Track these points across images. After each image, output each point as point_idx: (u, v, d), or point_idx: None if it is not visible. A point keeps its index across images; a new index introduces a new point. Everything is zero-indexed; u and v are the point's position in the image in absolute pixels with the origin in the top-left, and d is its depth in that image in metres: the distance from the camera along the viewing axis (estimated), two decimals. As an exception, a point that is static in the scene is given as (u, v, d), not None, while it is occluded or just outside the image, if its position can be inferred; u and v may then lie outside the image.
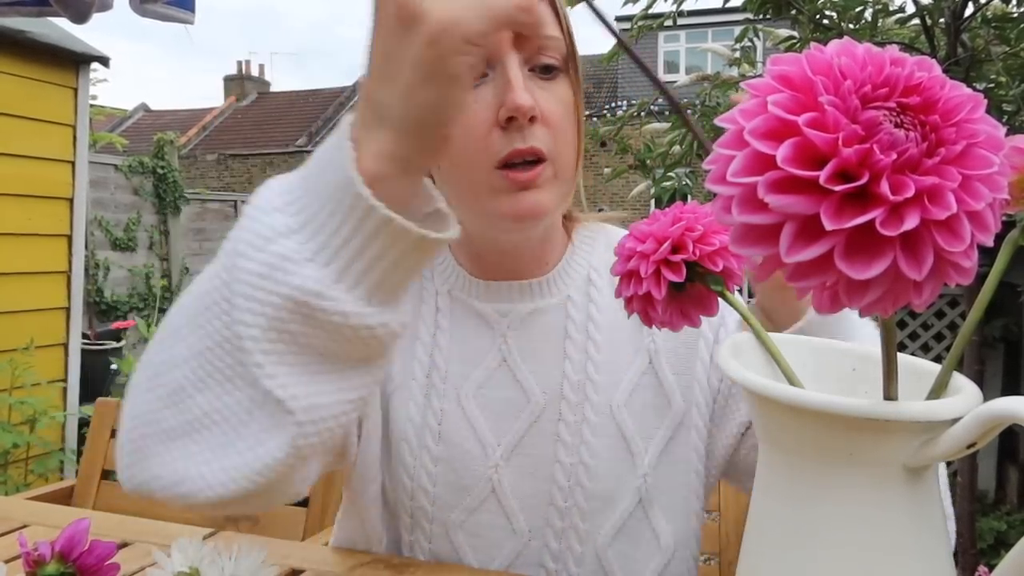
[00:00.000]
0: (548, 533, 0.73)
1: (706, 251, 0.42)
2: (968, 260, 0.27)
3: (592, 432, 0.74)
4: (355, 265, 0.43)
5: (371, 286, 0.43)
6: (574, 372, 0.76)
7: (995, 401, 0.31)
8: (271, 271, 0.43)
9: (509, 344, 0.77)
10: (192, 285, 0.51)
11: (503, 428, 0.75)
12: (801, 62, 0.29)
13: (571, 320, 0.78)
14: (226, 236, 0.48)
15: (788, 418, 0.36)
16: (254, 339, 0.43)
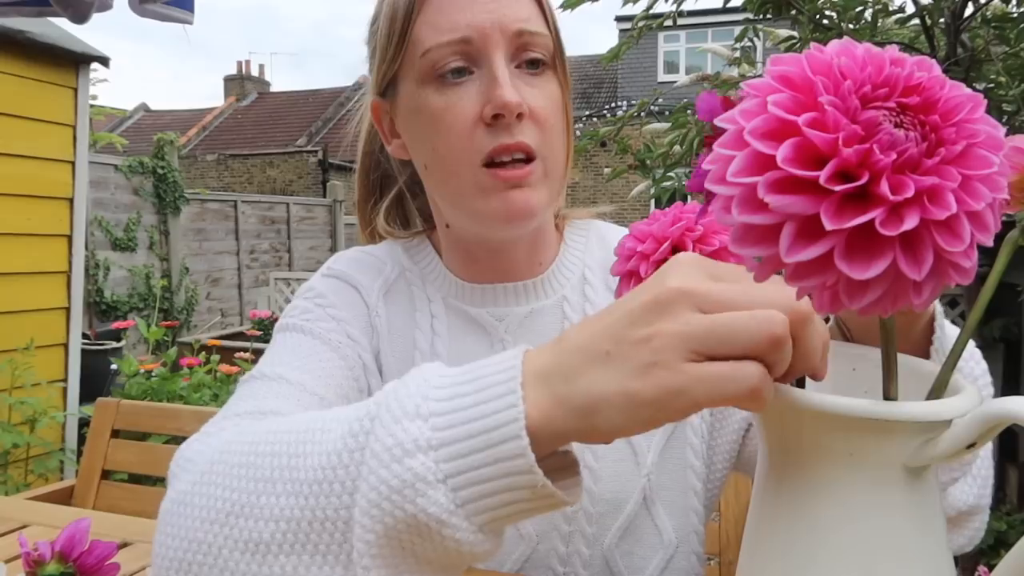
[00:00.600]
0: (555, 537, 0.73)
1: (706, 251, 0.42)
2: (968, 260, 0.27)
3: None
4: (484, 502, 0.42)
5: (490, 521, 0.43)
6: None
7: (995, 401, 0.31)
8: (403, 487, 0.41)
9: (507, 348, 0.74)
10: (294, 422, 0.49)
11: None
12: (801, 62, 0.29)
13: (567, 320, 0.77)
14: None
15: (788, 418, 0.36)
16: (367, 543, 0.43)
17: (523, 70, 0.69)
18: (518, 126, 0.67)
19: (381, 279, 0.79)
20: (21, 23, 2.91)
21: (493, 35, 0.67)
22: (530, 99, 0.67)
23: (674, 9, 2.32)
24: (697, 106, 0.37)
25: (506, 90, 0.65)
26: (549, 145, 0.69)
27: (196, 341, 4.27)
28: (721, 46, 2.56)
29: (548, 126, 0.69)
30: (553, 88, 0.70)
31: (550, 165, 0.70)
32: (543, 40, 0.69)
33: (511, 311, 0.77)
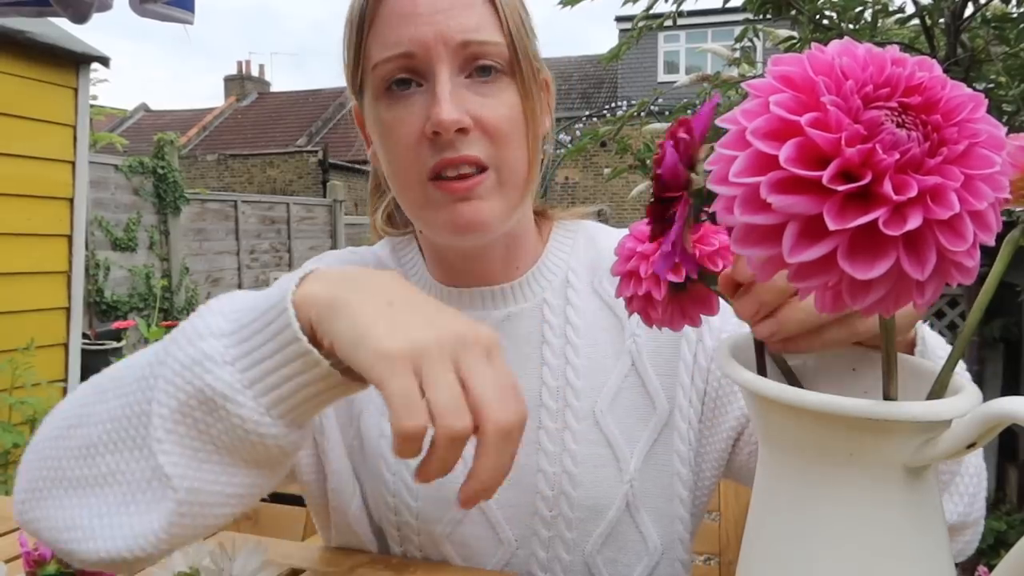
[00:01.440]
0: (535, 543, 0.72)
1: (706, 251, 0.42)
2: (971, 260, 0.27)
3: (575, 439, 0.72)
4: (268, 380, 0.47)
5: (275, 400, 0.47)
6: (553, 378, 0.74)
7: (995, 401, 0.31)
8: (193, 364, 0.48)
9: None
10: (132, 356, 0.56)
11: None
12: (802, 62, 0.29)
13: (547, 324, 0.75)
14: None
15: (788, 418, 0.36)
16: (162, 417, 0.48)
17: (475, 79, 0.67)
18: (463, 140, 0.66)
19: None
20: (21, 23, 2.91)
21: (436, 48, 0.66)
22: (479, 109, 0.66)
23: (674, 9, 2.32)
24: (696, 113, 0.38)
25: (443, 107, 0.64)
26: (501, 155, 0.68)
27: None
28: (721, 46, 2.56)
29: (499, 136, 0.67)
30: (508, 96, 0.68)
31: (505, 175, 0.68)
32: (495, 48, 0.67)
33: (488, 315, 0.76)
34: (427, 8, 0.66)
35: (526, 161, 0.70)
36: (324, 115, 16.63)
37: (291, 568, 0.71)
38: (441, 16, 0.66)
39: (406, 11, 0.66)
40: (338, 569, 0.71)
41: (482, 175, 0.67)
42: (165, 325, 3.83)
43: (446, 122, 0.64)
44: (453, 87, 0.66)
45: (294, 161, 12.72)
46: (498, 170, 0.68)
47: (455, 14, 0.66)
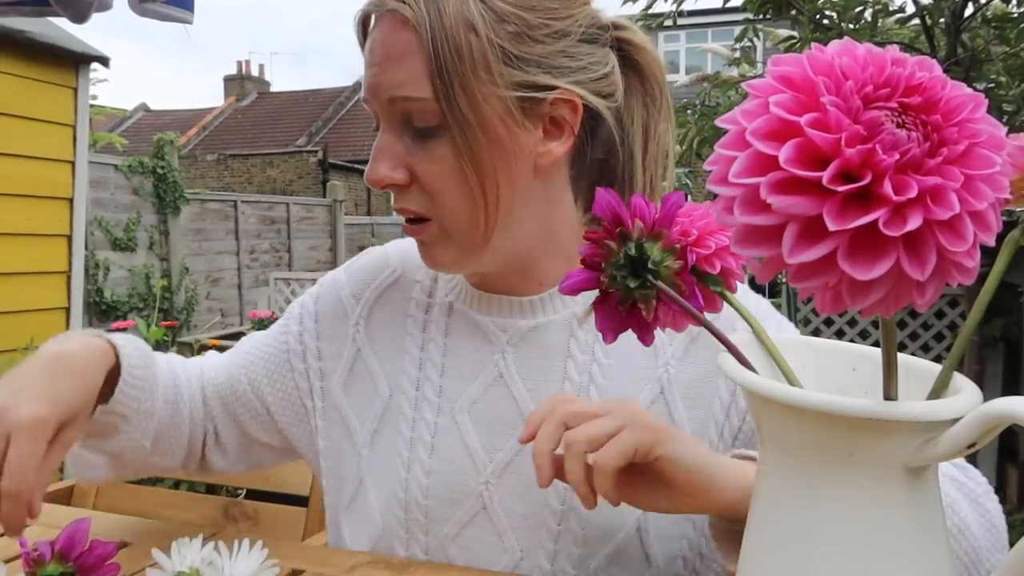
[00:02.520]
0: (540, 554, 0.71)
1: (702, 255, 0.42)
2: (971, 260, 0.27)
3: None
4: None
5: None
6: (574, 394, 0.73)
7: (995, 401, 0.31)
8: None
9: (507, 360, 0.75)
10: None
11: (495, 445, 0.73)
12: (802, 62, 0.29)
13: (574, 339, 0.74)
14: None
15: (788, 418, 0.36)
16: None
17: (412, 132, 0.67)
18: (401, 193, 0.68)
19: (371, 288, 0.83)
20: (21, 23, 2.91)
21: (374, 101, 0.67)
22: (415, 164, 0.67)
23: (674, 9, 2.32)
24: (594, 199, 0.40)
25: (370, 165, 0.68)
26: (440, 209, 0.68)
27: (196, 341, 4.27)
28: (721, 46, 2.56)
29: (434, 193, 0.67)
30: (441, 151, 0.66)
31: (448, 226, 0.68)
32: (421, 105, 0.64)
33: (515, 323, 0.75)
34: (372, 58, 0.67)
35: (475, 210, 0.67)
36: (324, 115, 16.63)
37: (291, 568, 0.71)
38: (376, 69, 0.66)
39: (367, 59, 0.68)
40: (338, 569, 0.71)
41: (423, 224, 0.69)
42: (165, 325, 3.83)
43: (369, 179, 0.68)
44: (393, 140, 0.67)
45: (294, 161, 12.71)
46: (439, 221, 0.69)
47: (385, 67, 0.66)
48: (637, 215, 0.40)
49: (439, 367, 0.77)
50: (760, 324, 0.41)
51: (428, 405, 0.76)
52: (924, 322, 3.72)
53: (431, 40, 0.63)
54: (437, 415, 0.75)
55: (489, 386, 0.75)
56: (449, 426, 0.75)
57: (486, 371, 0.75)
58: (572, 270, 0.42)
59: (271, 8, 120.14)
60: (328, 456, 0.81)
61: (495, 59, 0.64)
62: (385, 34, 0.66)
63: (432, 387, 0.76)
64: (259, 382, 0.83)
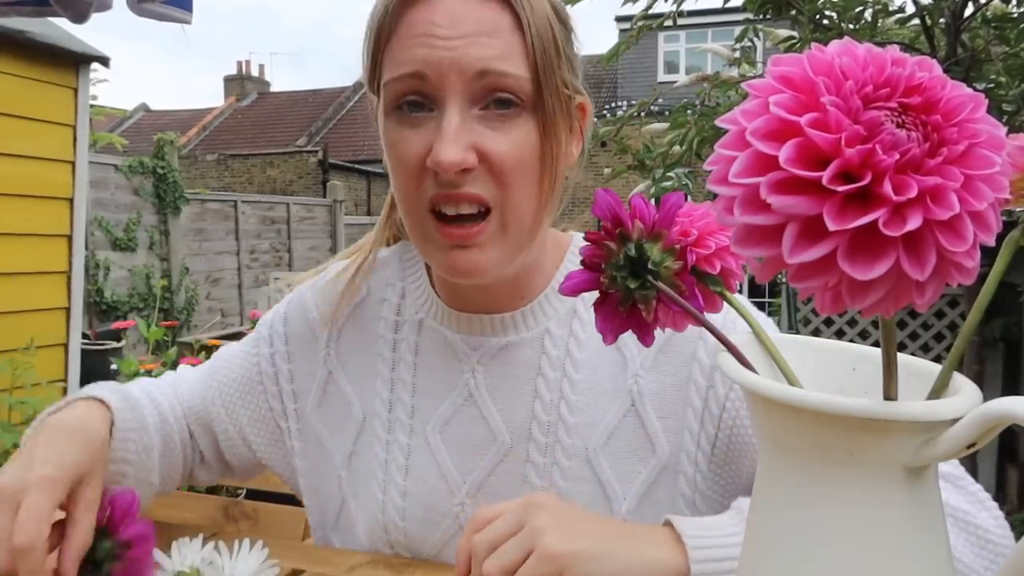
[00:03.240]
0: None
1: (702, 255, 0.42)
2: (971, 260, 0.27)
3: (563, 476, 0.71)
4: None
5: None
6: (544, 412, 0.72)
7: (995, 401, 0.31)
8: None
9: (477, 379, 0.74)
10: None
11: (468, 466, 0.73)
12: (802, 62, 0.29)
13: (546, 355, 0.73)
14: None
15: (788, 418, 0.36)
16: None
17: (490, 111, 0.63)
18: (466, 177, 0.63)
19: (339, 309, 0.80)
20: (21, 23, 2.91)
21: (449, 76, 0.62)
22: (489, 144, 0.63)
23: (674, 9, 2.32)
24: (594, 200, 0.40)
25: (445, 147, 0.61)
26: (507, 196, 0.64)
27: (196, 341, 4.27)
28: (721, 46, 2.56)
29: (506, 175, 0.63)
30: (525, 133, 0.64)
31: (508, 217, 0.65)
32: (515, 82, 0.63)
33: (487, 341, 0.74)
34: (447, 30, 0.61)
35: (535, 203, 0.66)
36: (324, 115, 16.62)
37: (291, 568, 0.71)
38: (460, 42, 0.61)
39: (424, 30, 0.62)
40: (338, 569, 0.71)
41: (483, 223, 0.64)
42: (165, 325, 3.83)
43: (444, 163, 0.61)
44: (462, 120, 0.62)
45: (294, 161, 12.71)
46: (502, 212, 0.65)
47: (476, 40, 0.61)
48: (637, 216, 0.40)
49: (410, 387, 0.76)
50: (760, 325, 0.41)
51: (401, 426, 0.75)
52: (924, 322, 3.72)
53: (531, 22, 0.63)
54: (410, 436, 0.75)
55: (460, 406, 0.74)
56: (422, 447, 0.74)
57: (456, 391, 0.74)
58: (572, 271, 0.42)
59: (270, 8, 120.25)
60: (308, 476, 0.81)
61: (563, 56, 0.67)
62: (468, 7, 0.62)
63: (404, 408, 0.75)
64: (233, 405, 0.82)
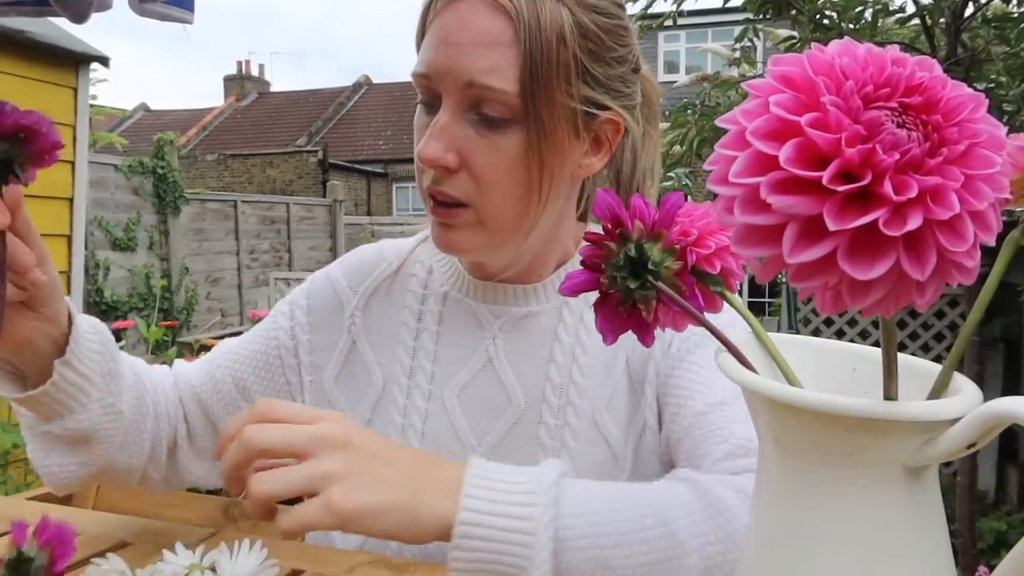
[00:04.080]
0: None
1: (702, 255, 0.42)
2: (971, 260, 0.27)
3: (574, 437, 0.74)
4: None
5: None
6: (558, 375, 0.75)
7: (995, 401, 0.31)
8: None
9: (498, 345, 0.77)
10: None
11: (484, 428, 0.76)
12: (802, 62, 0.29)
13: (563, 323, 0.77)
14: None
15: (788, 418, 0.36)
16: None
17: (479, 118, 0.67)
18: (447, 177, 0.67)
19: (368, 281, 0.84)
20: (21, 23, 2.91)
21: (445, 80, 0.66)
22: (471, 151, 0.66)
23: (674, 9, 2.32)
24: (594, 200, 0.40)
25: (426, 142, 0.66)
26: (484, 198, 0.68)
27: (196, 341, 4.27)
28: (721, 46, 2.57)
29: (484, 181, 0.67)
30: (509, 144, 0.66)
31: (485, 216, 0.69)
32: (499, 96, 0.65)
33: (510, 310, 0.78)
34: (453, 37, 0.66)
35: (518, 208, 0.69)
36: (324, 115, 16.62)
37: (291, 568, 0.71)
38: (457, 50, 0.65)
39: (439, 35, 0.67)
40: (338, 569, 0.71)
41: (458, 209, 0.69)
42: (165, 325, 3.83)
43: (422, 156, 0.67)
44: (453, 122, 0.66)
45: (294, 161, 12.71)
46: (477, 211, 0.69)
47: (471, 51, 0.65)
48: (637, 216, 0.40)
49: (431, 355, 0.79)
50: (759, 325, 0.41)
51: (419, 392, 0.78)
52: (924, 322, 3.72)
53: (528, 39, 0.64)
54: (428, 401, 0.77)
55: (479, 371, 0.77)
56: (439, 412, 0.77)
57: (476, 356, 0.77)
58: (572, 271, 0.42)
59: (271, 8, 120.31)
60: None
61: (575, 72, 0.67)
62: (474, 16, 0.65)
63: (424, 374, 0.78)
64: (246, 380, 0.83)
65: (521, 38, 0.64)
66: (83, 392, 0.69)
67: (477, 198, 0.68)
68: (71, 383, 0.69)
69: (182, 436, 0.82)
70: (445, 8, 0.67)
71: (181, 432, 0.82)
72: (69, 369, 0.68)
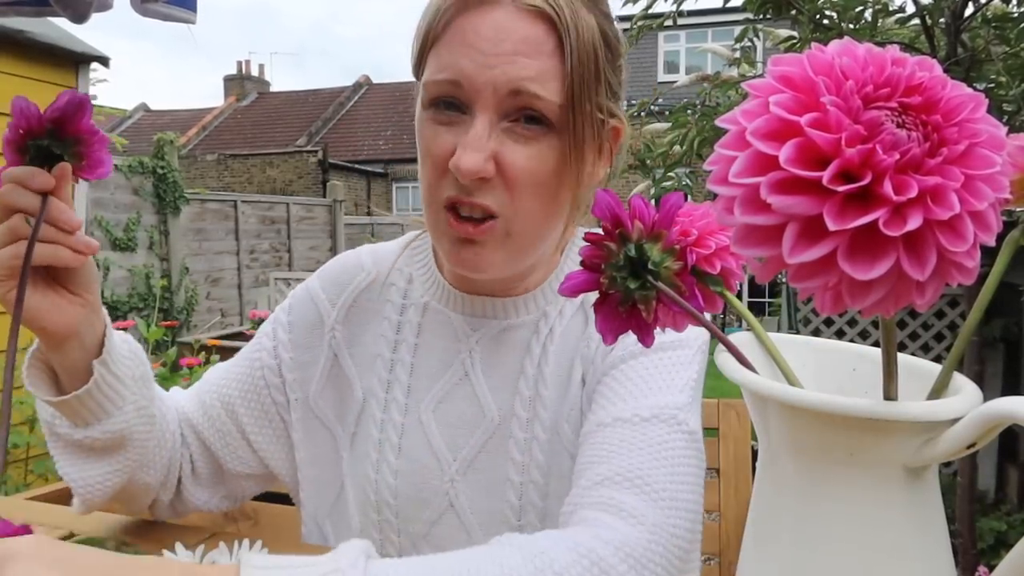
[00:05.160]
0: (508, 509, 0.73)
1: (702, 255, 0.42)
2: (971, 260, 0.27)
3: (541, 450, 0.73)
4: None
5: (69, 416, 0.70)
6: (526, 388, 0.74)
7: (995, 401, 0.31)
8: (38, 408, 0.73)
9: (474, 359, 0.76)
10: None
11: (459, 443, 0.75)
12: (802, 62, 0.29)
13: (536, 335, 0.76)
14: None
15: (788, 418, 0.36)
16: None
17: (519, 124, 0.65)
18: (480, 187, 0.65)
19: (347, 293, 0.82)
20: (21, 23, 2.91)
21: (484, 90, 0.64)
22: (508, 156, 0.65)
23: (674, 9, 2.32)
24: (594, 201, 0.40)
25: (467, 154, 0.63)
26: (516, 208, 0.66)
27: (196, 341, 4.27)
28: (721, 46, 2.56)
29: (519, 188, 0.66)
30: (547, 152, 0.66)
31: (515, 227, 0.67)
32: (547, 105, 0.64)
33: (488, 323, 0.76)
34: (489, 46, 0.63)
35: (545, 217, 0.69)
36: (324, 115, 16.62)
37: (291, 568, 0.71)
38: (499, 59, 0.63)
39: (468, 40, 0.64)
40: (338, 569, 0.71)
41: (489, 223, 0.67)
42: (165, 325, 3.83)
43: (463, 169, 0.63)
44: (489, 130, 0.64)
45: (294, 161, 12.71)
46: (508, 220, 0.67)
47: (515, 59, 0.63)
48: (636, 216, 0.40)
49: (408, 367, 0.78)
50: (759, 325, 0.41)
51: (396, 406, 0.77)
52: (924, 322, 3.72)
53: (572, 47, 0.64)
54: (404, 415, 0.77)
55: (455, 385, 0.76)
56: (415, 427, 0.76)
57: (452, 369, 0.76)
58: (571, 272, 0.42)
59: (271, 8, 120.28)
60: (310, 466, 0.81)
61: (603, 81, 0.67)
62: (514, 23, 0.64)
63: (401, 388, 0.77)
64: (233, 404, 0.82)
65: (565, 47, 0.64)
66: (119, 395, 0.70)
67: (509, 208, 0.66)
68: (109, 385, 0.69)
69: (186, 461, 0.83)
70: (474, 13, 0.64)
71: (185, 457, 0.83)
72: (106, 370, 0.69)
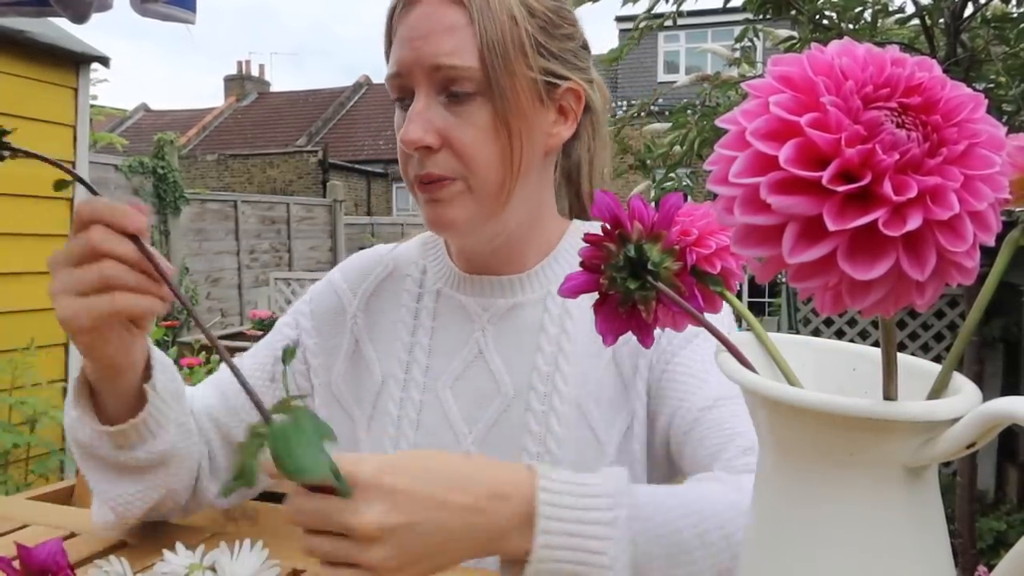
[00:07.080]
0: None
1: (703, 254, 0.42)
2: (971, 260, 0.27)
3: (559, 422, 0.77)
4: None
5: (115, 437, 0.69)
6: (544, 363, 0.79)
7: (995, 401, 0.31)
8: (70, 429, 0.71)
9: (487, 336, 0.81)
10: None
11: (474, 417, 0.79)
12: (802, 62, 0.29)
13: (548, 313, 0.81)
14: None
15: (788, 418, 0.36)
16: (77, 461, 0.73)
17: (451, 97, 0.73)
18: (431, 157, 0.73)
19: (367, 283, 0.89)
20: (21, 23, 2.91)
21: (414, 71, 0.73)
22: (449, 129, 0.73)
23: (674, 9, 2.32)
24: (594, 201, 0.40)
25: (407, 126, 0.73)
26: (471, 169, 0.74)
27: (196, 341, 4.27)
28: (721, 46, 2.57)
29: (468, 154, 0.73)
30: (479, 116, 0.73)
31: (474, 183, 0.74)
32: (465, 73, 0.72)
33: (496, 303, 0.82)
34: (414, 33, 0.74)
35: (499, 174, 0.75)
36: (324, 115, 16.63)
37: (291, 568, 0.71)
38: (420, 41, 0.73)
39: (403, 35, 0.74)
40: (338, 569, 0.71)
41: (446, 181, 0.74)
42: (165, 325, 3.83)
43: (406, 141, 0.73)
44: (427, 107, 0.73)
45: (294, 161, 12.72)
46: (466, 179, 0.74)
47: (432, 39, 0.73)
48: (636, 217, 0.40)
49: (426, 349, 0.83)
50: (759, 325, 0.41)
51: (415, 385, 0.82)
52: (924, 322, 3.72)
53: (481, 20, 0.72)
54: (423, 393, 0.81)
55: (470, 362, 0.81)
56: (433, 402, 0.81)
57: (467, 348, 0.81)
58: (571, 272, 0.42)
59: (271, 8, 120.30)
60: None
61: (529, 45, 0.74)
62: (431, 11, 0.73)
63: (419, 368, 0.82)
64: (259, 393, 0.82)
65: (475, 19, 0.72)
66: (164, 415, 0.71)
67: (463, 170, 0.74)
68: (157, 408, 0.70)
69: (204, 458, 0.83)
70: (405, 12, 0.75)
71: (204, 454, 0.83)
72: (154, 392, 0.70)
